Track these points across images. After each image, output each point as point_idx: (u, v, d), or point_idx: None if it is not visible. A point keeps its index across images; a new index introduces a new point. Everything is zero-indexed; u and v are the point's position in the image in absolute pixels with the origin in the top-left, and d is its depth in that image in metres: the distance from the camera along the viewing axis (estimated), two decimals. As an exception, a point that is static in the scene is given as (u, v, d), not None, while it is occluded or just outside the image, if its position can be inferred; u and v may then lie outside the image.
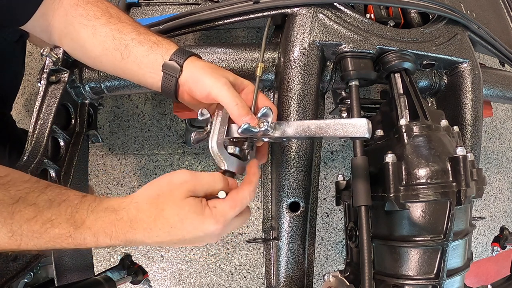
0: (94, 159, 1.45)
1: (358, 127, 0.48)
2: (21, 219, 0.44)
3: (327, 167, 1.55)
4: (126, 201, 0.48)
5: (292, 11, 0.71)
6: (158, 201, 0.47)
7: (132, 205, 0.47)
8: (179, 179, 0.48)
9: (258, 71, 0.61)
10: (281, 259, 0.71)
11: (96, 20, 0.59)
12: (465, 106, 0.77)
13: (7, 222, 0.43)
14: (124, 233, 0.46)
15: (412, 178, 0.55)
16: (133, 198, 0.48)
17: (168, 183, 0.48)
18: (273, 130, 0.54)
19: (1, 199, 0.43)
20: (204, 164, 1.48)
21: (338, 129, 0.50)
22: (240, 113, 0.53)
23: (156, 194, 0.47)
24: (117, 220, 0.46)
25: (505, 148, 1.77)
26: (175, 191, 0.47)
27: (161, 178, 0.49)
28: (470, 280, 1.51)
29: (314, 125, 0.51)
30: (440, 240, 0.54)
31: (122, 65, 0.59)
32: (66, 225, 0.45)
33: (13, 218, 0.44)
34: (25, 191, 0.45)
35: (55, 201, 0.46)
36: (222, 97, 0.53)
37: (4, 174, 0.45)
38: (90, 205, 0.47)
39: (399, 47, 0.71)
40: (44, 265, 0.90)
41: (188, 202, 0.47)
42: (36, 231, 0.45)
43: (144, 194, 0.48)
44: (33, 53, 1.50)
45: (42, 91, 0.66)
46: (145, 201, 0.47)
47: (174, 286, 1.44)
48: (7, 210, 0.43)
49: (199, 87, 0.55)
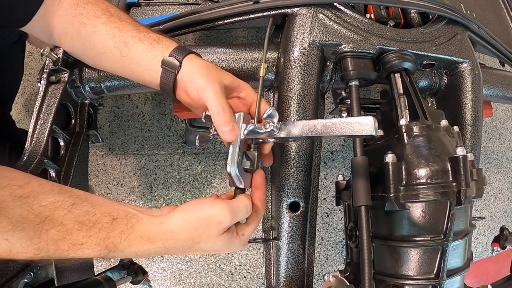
0: (94, 159, 1.45)
1: (365, 125, 0.48)
2: (48, 239, 0.43)
3: (327, 167, 1.55)
4: (162, 231, 0.47)
5: (292, 11, 0.71)
6: (195, 234, 0.48)
7: (168, 235, 0.47)
8: (219, 217, 0.48)
9: (261, 72, 0.60)
10: (281, 259, 0.71)
11: (96, 19, 0.59)
12: (465, 106, 0.77)
13: (33, 241, 0.42)
14: (156, 254, 0.48)
15: (412, 178, 0.55)
16: (168, 227, 0.47)
17: (207, 219, 0.48)
18: (278, 130, 0.54)
19: (26, 217, 0.42)
20: (204, 164, 1.48)
21: (344, 128, 0.49)
22: (220, 123, 0.52)
23: (194, 227, 0.47)
24: (152, 248, 0.47)
25: (505, 148, 1.77)
26: (212, 228, 0.48)
27: (199, 207, 0.49)
28: (470, 280, 1.51)
29: (320, 125, 0.51)
30: (440, 240, 0.54)
31: (121, 62, 0.59)
32: (97, 248, 0.44)
33: (40, 237, 0.42)
34: (49, 207, 0.43)
35: (85, 224, 0.44)
36: (208, 103, 0.53)
37: (23, 183, 0.43)
38: (123, 232, 0.46)
39: (399, 47, 0.71)
40: (44, 265, 0.90)
41: (223, 238, 0.49)
42: (64, 250, 0.44)
43: (182, 225, 0.48)
44: (33, 53, 1.50)
45: (42, 91, 0.66)
46: (181, 233, 0.47)
47: (174, 286, 1.44)
48: (34, 230, 0.42)
49: (193, 86, 0.55)
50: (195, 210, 0.48)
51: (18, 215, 0.41)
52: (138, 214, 0.48)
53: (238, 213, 0.50)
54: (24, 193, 0.43)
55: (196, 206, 0.49)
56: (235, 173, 0.52)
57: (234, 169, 0.52)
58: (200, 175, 1.47)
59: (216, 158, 1.48)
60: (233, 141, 0.53)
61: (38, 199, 0.43)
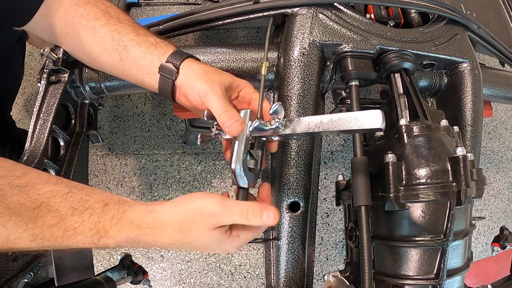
0: (94, 159, 1.45)
1: (373, 119, 0.47)
2: (43, 225, 0.44)
3: (327, 167, 1.55)
4: (151, 218, 0.47)
5: (292, 11, 0.71)
6: (183, 226, 0.47)
7: (157, 224, 0.46)
8: (210, 209, 0.47)
9: (263, 70, 0.60)
10: (281, 259, 0.71)
11: (96, 20, 0.59)
12: (465, 106, 0.77)
13: (29, 226, 0.43)
14: (145, 244, 0.47)
15: (412, 178, 0.55)
16: (158, 216, 0.47)
17: (196, 211, 0.47)
18: (284, 127, 0.52)
19: (23, 203, 0.43)
20: (204, 164, 1.48)
21: (351, 122, 0.48)
22: (224, 120, 0.51)
23: (182, 219, 0.47)
24: (141, 235, 0.46)
25: (505, 148, 1.77)
26: (202, 221, 0.47)
27: (191, 199, 0.48)
28: (470, 280, 1.51)
29: (327, 120, 0.49)
30: (440, 240, 0.54)
31: (121, 66, 0.59)
32: (89, 233, 0.45)
33: (35, 223, 0.43)
34: (46, 195, 0.44)
35: (78, 209, 0.45)
36: (212, 107, 0.53)
37: (21, 173, 0.45)
38: (114, 217, 0.46)
39: (399, 47, 0.71)
40: (44, 265, 0.90)
41: (213, 234, 0.47)
42: (58, 236, 0.44)
43: (170, 215, 0.47)
44: (33, 53, 1.50)
45: (42, 91, 0.66)
46: (170, 223, 0.47)
47: (174, 286, 1.44)
48: (29, 215, 0.43)
49: (194, 92, 0.55)
50: (186, 202, 0.48)
51: (16, 202, 0.43)
52: (131, 201, 0.48)
53: (231, 211, 0.47)
54: (21, 183, 0.44)
55: (189, 198, 0.48)
56: (240, 171, 0.51)
57: (239, 166, 0.51)
58: (200, 175, 1.47)
59: (216, 158, 1.48)
60: (239, 138, 0.52)
61: (35, 188, 0.44)
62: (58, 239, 0.45)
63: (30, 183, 0.44)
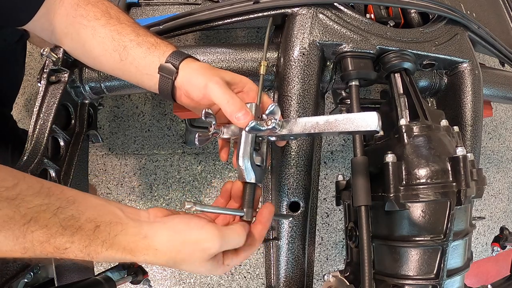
0: (94, 159, 1.45)
1: (369, 121, 0.46)
2: (33, 240, 0.43)
3: (327, 167, 1.55)
4: (145, 245, 0.45)
5: (292, 11, 0.71)
6: (178, 256, 0.45)
7: (151, 251, 0.45)
8: (206, 243, 0.45)
9: (261, 69, 0.60)
10: (281, 259, 0.71)
11: (96, 21, 0.59)
12: (465, 106, 0.77)
13: (19, 241, 0.42)
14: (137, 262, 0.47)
15: (412, 178, 0.55)
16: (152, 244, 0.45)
17: (193, 243, 0.45)
18: (280, 127, 0.53)
19: (12, 217, 0.42)
20: (204, 164, 1.48)
21: (347, 124, 0.48)
22: (232, 110, 0.51)
23: (178, 250, 0.45)
24: (133, 259, 0.45)
25: (505, 148, 1.77)
26: (197, 254, 0.45)
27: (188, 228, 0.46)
28: (470, 280, 1.51)
29: (323, 121, 0.49)
30: (440, 240, 0.54)
31: (121, 66, 0.59)
32: (80, 254, 0.44)
33: (25, 237, 0.42)
34: (35, 209, 0.43)
35: (68, 229, 0.44)
36: (215, 97, 0.52)
37: (12, 184, 0.43)
38: (105, 242, 0.44)
39: (399, 47, 0.71)
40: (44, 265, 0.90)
41: (206, 265, 0.47)
42: (50, 252, 0.44)
43: (166, 244, 0.45)
44: (33, 53, 1.50)
45: (42, 91, 0.67)
46: (165, 252, 0.45)
47: (174, 286, 1.44)
48: (20, 230, 0.42)
49: (195, 88, 0.54)
50: (183, 231, 0.46)
51: (5, 215, 0.41)
52: (123, 220, 0.46)
53: (228, 242, 0.47)
54: (11, 195, 0.43)
55: (186, 226, 0.46)
56: (247, 166, 0.51)
57: (247, 161, 0.51)
58: (200, 175, 1.47)
59: (216, 158, 1.48)
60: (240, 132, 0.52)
61: (25, 201, 0.43)
62: (49, 254, 0.44)
63: (20, 195, 0.43)
